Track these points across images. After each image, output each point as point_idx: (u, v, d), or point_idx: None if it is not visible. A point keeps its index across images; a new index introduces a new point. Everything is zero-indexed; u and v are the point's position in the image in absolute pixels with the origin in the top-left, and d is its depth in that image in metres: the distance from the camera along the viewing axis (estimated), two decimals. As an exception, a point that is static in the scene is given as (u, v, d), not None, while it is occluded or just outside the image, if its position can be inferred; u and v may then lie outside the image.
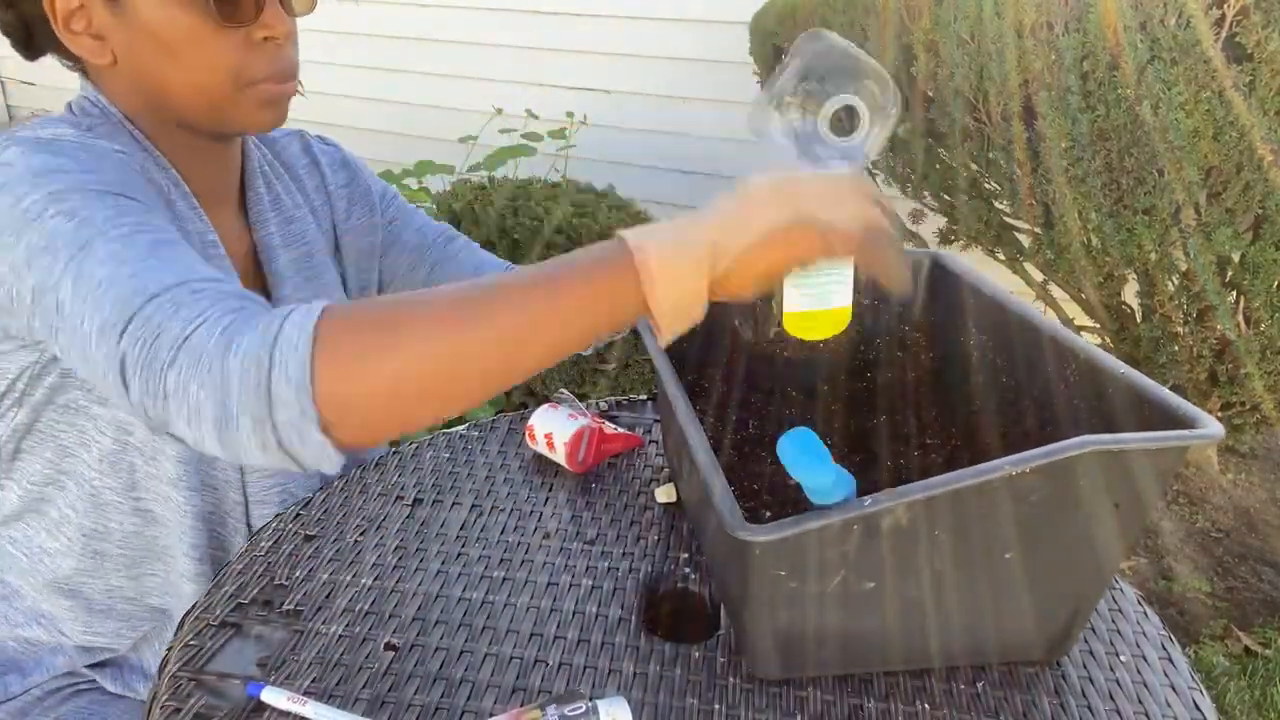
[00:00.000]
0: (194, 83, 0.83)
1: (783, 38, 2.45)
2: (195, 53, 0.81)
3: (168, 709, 0.67)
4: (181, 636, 0.74)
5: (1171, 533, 2.25)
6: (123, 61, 0.82)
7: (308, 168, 1.06)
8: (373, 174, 1.13)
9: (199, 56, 0.81)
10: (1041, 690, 0.72)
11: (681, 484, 0.92)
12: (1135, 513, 0.66)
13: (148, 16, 0.79)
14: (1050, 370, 0.81)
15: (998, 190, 2.05)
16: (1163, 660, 0.76)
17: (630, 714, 0.64)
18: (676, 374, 0.81)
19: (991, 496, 0.63)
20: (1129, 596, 0.84)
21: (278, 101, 0.86)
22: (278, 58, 0.85)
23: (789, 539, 0.61)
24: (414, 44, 3.81)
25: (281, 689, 0.68)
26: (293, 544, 0.85)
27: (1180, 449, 0.64)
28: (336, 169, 1.09)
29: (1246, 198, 1.63)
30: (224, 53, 0.81)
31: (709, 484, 0.65)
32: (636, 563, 0.85)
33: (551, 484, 0.97)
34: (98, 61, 0.82)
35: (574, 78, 3.56)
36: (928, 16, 1.94)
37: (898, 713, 0.69)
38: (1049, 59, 1.72)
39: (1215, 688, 1.81)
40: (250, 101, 0.85)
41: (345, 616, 0.77)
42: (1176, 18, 1.58)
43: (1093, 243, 1.84)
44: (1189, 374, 1.89)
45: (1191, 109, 1.57)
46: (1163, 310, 1.85)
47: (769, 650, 0.69)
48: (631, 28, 3.41)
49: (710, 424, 0.88)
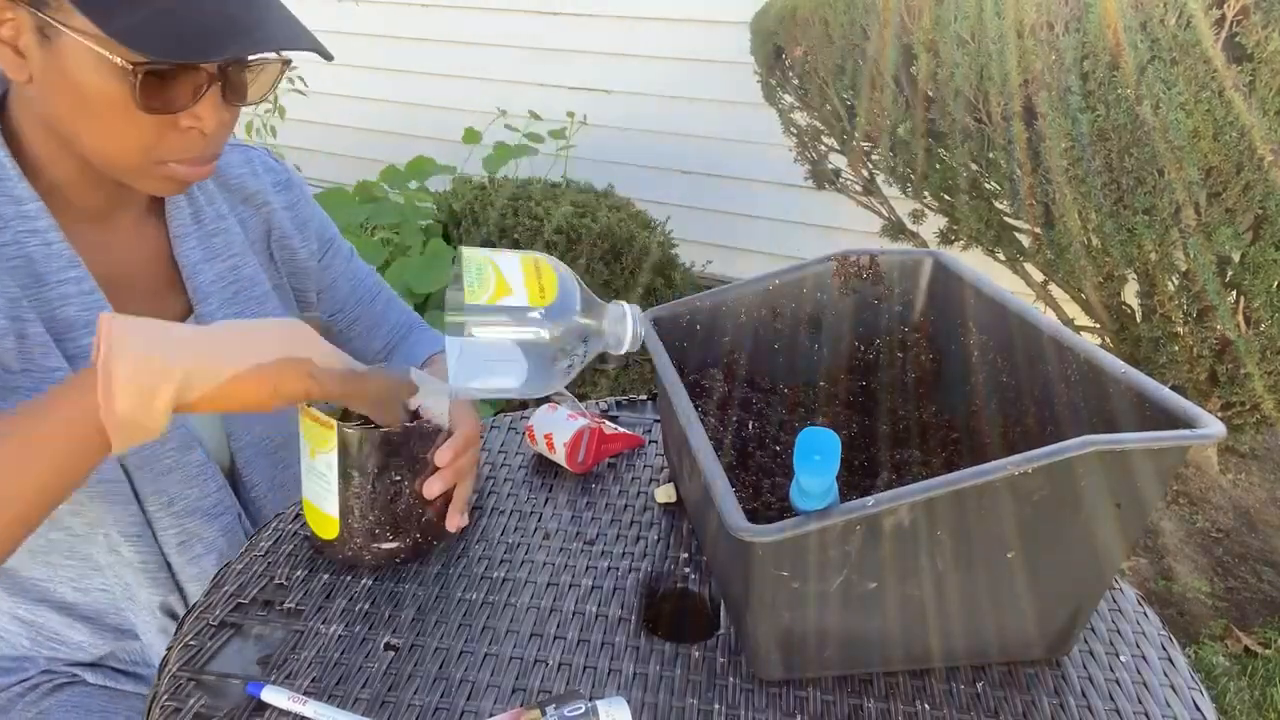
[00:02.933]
0: (100, 145, 0.79)
1: (783, 38, 2.45)
2: (110, 121, 0.76)
3: (168, 709, 0.67)
4: (181, 636, 0.74)
5: (1171, 533, 2.24)
6: (37, 87, 0.77)
7: (241, 177, 1.01)
8: (319, 211, 1.09)
9: (112, 126, 0.76)
10: (1041, 690, 0.72)
11: (682, 484, 0.92)
12: (1136, 512, 0.66)
13: (73, 67, 0.74)
14: (1051, 370, 0.81)
15: (998, 190, 2.05)
16: (1163, 660, 0.76)
17: (630, 714, 0.64)
18: (677, 374, 0.81)
19: (993, 496, 0.63)
20: (1129, 596, 0.84)
21: (185, 179, 0.83)
22: (198, 145, 0.81)
23: (792, 539, 0.61)
24: (415, 44, 3.81)
25: (282, 688, 0.68)
26: (293, 544, 0.85)
27: (1181, 449, 0.64)
28: (281, 188, 1.04)
29: (1246, 198, 1.63)
30: (140, 131, 0.77)
31: (711, 484, 0.64)
32: (636, 563, 0.85)
33: (551, 484, 0.97)
34: (12, 75, 0.77)
35: (574, 78, 3.56)
36: (928, 16, 1.94)
37: (898, 713, 0.69)
38: (1049, 59, 1.72)
39: (1215, 688, 1.81)
40: (154, 176, 0.82)
41: (345, 616, 0.77)
42: (1176, 18, 1.58)
43: (1093, 243, 1.84)
44: (1189, 374, 1.89)
45: (1191, 109, 1.57)
46: (1163, 310, 1.85)
47: (771, 650, 0.69)
48: (632, 28, 3.41)
49: (710, 424, 0.88)
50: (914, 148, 2.11)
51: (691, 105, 3.40)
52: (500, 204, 2.54)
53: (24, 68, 0.76)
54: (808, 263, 0.97)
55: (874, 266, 0.97)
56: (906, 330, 0.99)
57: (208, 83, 0.77)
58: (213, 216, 0.97)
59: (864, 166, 2.50)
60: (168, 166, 0.81)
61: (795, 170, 2.78)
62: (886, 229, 2.61)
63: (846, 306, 0.98)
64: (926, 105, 2.05)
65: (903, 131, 2.11)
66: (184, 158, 0.81)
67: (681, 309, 0.93)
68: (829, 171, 2.68)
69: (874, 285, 0.98)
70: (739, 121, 3.29)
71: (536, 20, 3.55)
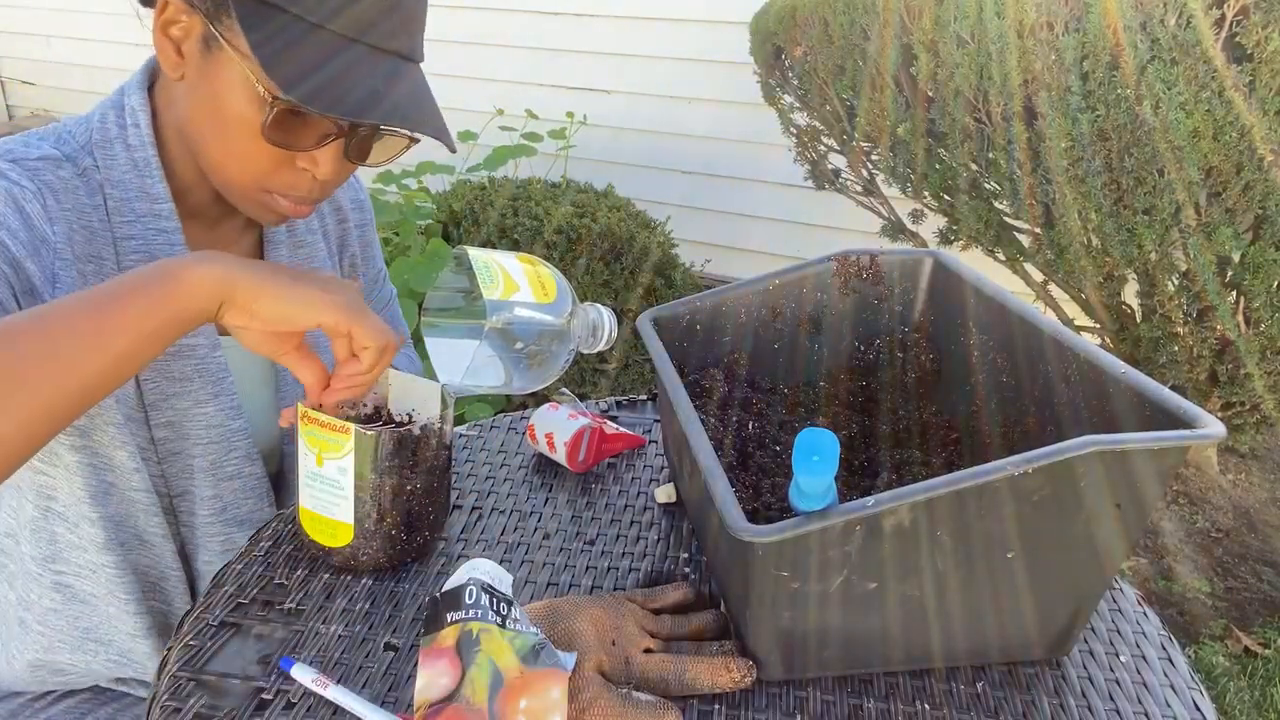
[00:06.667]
0: (219, 160, 0.82)
1: (783, 38, 2.45)
2: (235, 139, 0.79)
3: (168, 709, 0.67)
4: (181, 636, 0.74)
5: (1171, 533, 2.25)
6: (185, 88, 0.81)
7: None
8: (377, 241, 1.14)
9: (235, 144, 0.79)
10: (1041, 690, 0.72)
11: (682, 484, 0.92)
12: (1136, 513, 0.66)
13: (222, 81, 0.77)
14: (1051, 370, 0.81)
15: (998, 190, 2.05)
16: (1163, 660, 0.76)
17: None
18: (677, 374, 0.81)
19: (993, 497, 0.63)
20: (1129, 596, 0.84)
21: (284, 213, 0.85)
22: (305, 186, 0.83)
23: (792, 539, 0.61)
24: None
25: (310, 667, 0.69)
26: (293, 544, 0.85)
27: (1182, 449, 0.64)
28: (356, 207, 1.08)
29: (1246, 198, 1.63)
30: (259, 158, 0.80)
31: (711, 485, 0.64)
32: (636, 563, 0.85)
33: (551, 484, 0.97)
34: (168, 71, 0.80)
35: (574, 78, 3.56)
36: (928, 16, 1.94)
37: (898, 713, 0.69)
38: (1049, 59, 1.72)
39: (1215, 688, 1.81)
40: (257, 203, 0.84)
41: (345, 616, 0.77)
42: (1176, 18, 1.58)
43: (1093, 243, 1.84)
44: (1189, 374, 1.90)
45: (1191, 109, 1.57)
46: (1163, 310, 1.85)
47: (771, 651, 0.69)
48: (632, 28, 3.41)
49: (710, 424, 0.88)
50: (914, 148, 2.11)
51: (691, 105, 3.40)
52: (500, 204, 2.54)
53: (180, 67, 0.80)
54: (808, 263, 0.97)
55: (874, 266, 0.97)
56: (907, 330, 0.99)
57: (335, 135, 0.80)
58: (303, 230, 1.01)
59: (864, 166, 2.50)
60: (272, 198, 0.83)
61: (795, 170, 2.78)
62: (886, 229, 2.61)
63: (847, 306, 0.98)
64: (926, 105, 2.05)
65: (903, 131, 2.11)
66: (289, 193, 0.83)
67: (681, 309, 0.93)
68: (829, 171, 2.68)
69: (874, 285, 0.98)
70: (739, 121, 3.29)
71: (537, 20, 3.56)
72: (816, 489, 0.60)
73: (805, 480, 0.60)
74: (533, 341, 0.74)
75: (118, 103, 0.86)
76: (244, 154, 0.79)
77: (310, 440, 0.77)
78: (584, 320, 0.78)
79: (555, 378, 0.78)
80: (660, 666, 0.68)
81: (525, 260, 0.77)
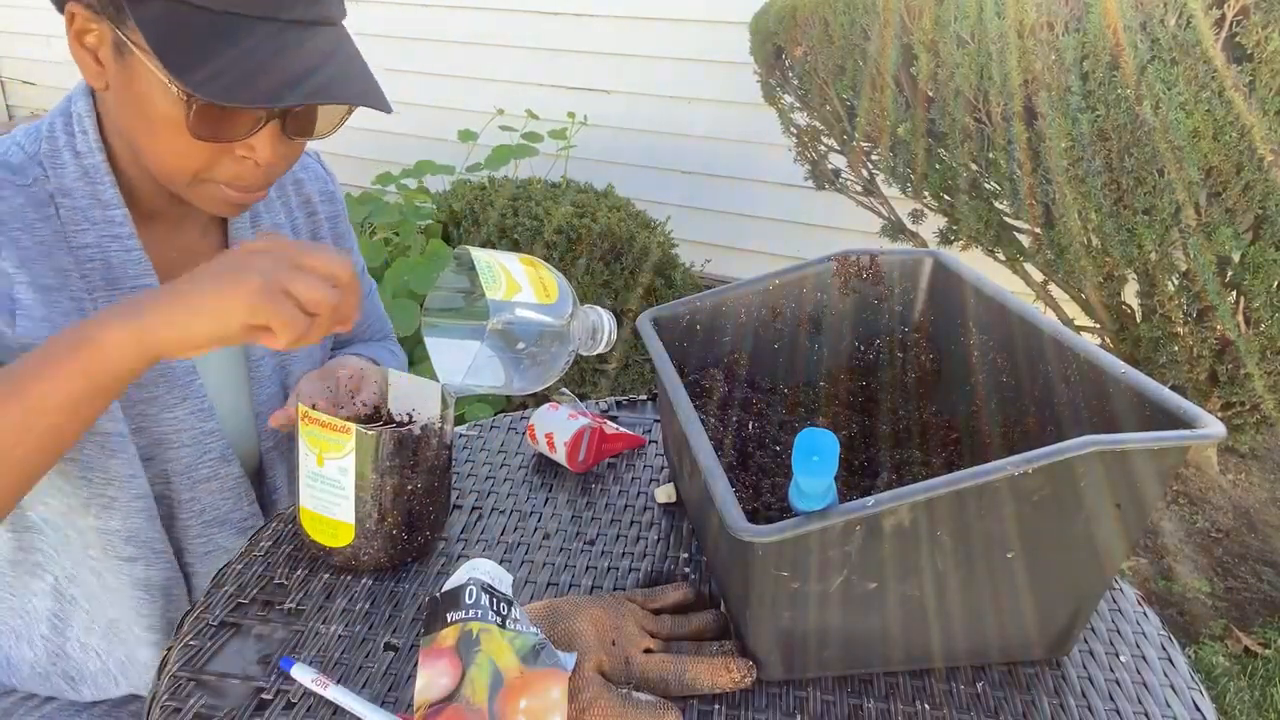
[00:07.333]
0: (158, 160, 0.80)
1: (783, 38, 2.45)
2: (167, 139, 0.77)
3: (168, 709, 0.67)
4: (181, 636, 0.74)
5: (1171, 533, 2.25)
6: (112, 96, 0.80)
7: (299, 182, 1.04)
8: (351, 230, 1.12)
9: (169, 144, 0.78)
10: (1041, 690, 0.72)
11: (682, 484, 0.92)
12: (1136, 512, 0.66)
13: (140, 84, 0.75)
14: (1051, 370, 0.81)
15: (998, 190, 2.05)
16: (1163, 660, 0.76)
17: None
18: (677, 374, 0.81)
19: (993, 497, 0.63)
20: (1129, 596, 0.84)
21: (236, 203, 0.84)
22: (250, 173, 0.81)
23: (792, 539, 0.61)
24: (415, 44, 3.81)
25: (310, 667, 0.69)
26: (293, 544, 0.85)
27: (1182, 449, 0.64)
28: (325, 199, 1.07)
29: (1246, 198, 1.63)
30: (194, 154, 0.78)
31: (711, 485, 0.64)
32: (636, 563, 0.85)
33: (551, 484, 0.97)
34: (92, 83, 0.79)
35: (574, 78, 3.56)
36: (928, 16, 1.94)
37: (898, 713, 0.69)
38: (1049, 59, 1.72)
39: (1215, 688, 1.81)
40: (207, 195, 0.83)
41: (345, 616, 0.77)
42: (1176, 18, 1.58)
43: (1093, 243, 1.84)
44: (1189, 374, 1.90)
45: (1191, 109, 1.57)
46: (1163, 310, 1.85)
47: (771, 651, 0.69)
48: (631, 28, 3.41)
49: (710, 424, 0.88)
50: (914, 148, 2.11)
51: (691, 105, 3.40)
52: (500, 204, 2.54)
53: (102, 76, 0.78)
54: (808, 263, 0.97)
55: (874, 266, 0.97)
56: (906, 330, 0.99)
57: (265, 119, 0.78)
58: (269, 225, 0.99)
59: (864, 166, 2.50)
60: (219, 189, 0.82)
61: (795, 170, 2.78)
62: (886, 229, 2.61)
63: (847, 306, 0.98)
64: (926, 105, 2.05)
65: (903, 131, 2.11)
66: (233, 183, 0.82)
67: (681, 309, 0.93)
68: (829, 171, 2.68)
69: (874, 285, 0.98)
70: (739, 121, 3.29)
71: (536, 20, 3.56)
72: (816, 489, 0.60)
73: (805, 480, 0.60)
74: (534, 342, 0.74)
75: (65, 110, 0.85)
76: (179, 152, 0.78)
77: (311, 440, 0.77)
78: (584, 322, 0.78)
79: (555, 379, 0.78)
80: (660, 666, 0.68)
81: (527, 261, 0.77)
